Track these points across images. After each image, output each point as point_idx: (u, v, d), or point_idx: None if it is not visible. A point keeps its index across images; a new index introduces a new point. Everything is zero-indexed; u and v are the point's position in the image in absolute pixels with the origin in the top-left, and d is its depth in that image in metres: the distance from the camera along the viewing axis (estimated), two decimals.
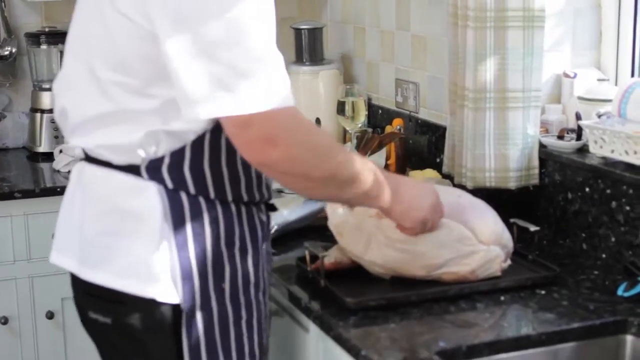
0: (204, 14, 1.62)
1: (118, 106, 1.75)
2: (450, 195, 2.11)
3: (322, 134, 1.84)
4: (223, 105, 1.64)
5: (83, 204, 1.85)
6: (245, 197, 1.83)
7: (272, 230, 2.36)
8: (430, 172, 2.76)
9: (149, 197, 1.75)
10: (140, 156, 1.75)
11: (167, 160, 1.75)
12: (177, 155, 1.75)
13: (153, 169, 1.75)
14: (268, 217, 1.92)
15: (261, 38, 1.66)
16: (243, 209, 1.83)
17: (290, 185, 1.83)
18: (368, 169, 1.83)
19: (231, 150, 1.77)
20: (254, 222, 1.85)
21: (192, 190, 1.77)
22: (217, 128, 1.75)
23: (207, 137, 1.76)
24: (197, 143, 1.76)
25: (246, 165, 1.81)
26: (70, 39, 1.88)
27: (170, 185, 1.76)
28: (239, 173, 1.81)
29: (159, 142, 1.74)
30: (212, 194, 1.78)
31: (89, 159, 1.84)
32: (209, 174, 1.78)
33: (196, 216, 1.77)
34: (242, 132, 1.67)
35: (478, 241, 2.05)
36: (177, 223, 1.75)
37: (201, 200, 1.77)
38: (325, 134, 1.89)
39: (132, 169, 1.77)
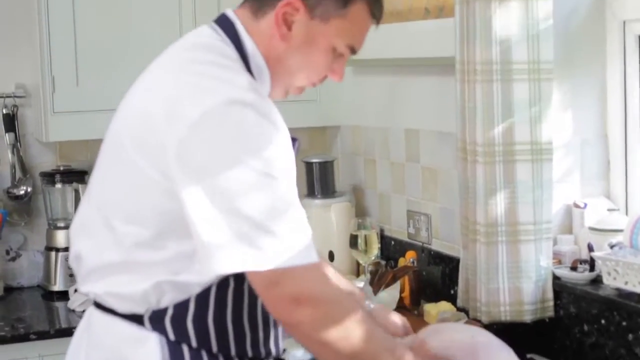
0: (222, 165, 1.62)
1: (128, 256, 1.75)
2: (463, 335, 2.09)
3: (348, 301, 1.77)
4: (244, 260, 1.63)
5: (88, 351, 1.84)
6: (250, 353, 1.80)
7: None
8: (445, 305, 2.75)
9: (150, 347, 1.74)
10: (145, 306, 1.74)
11: (170, 312, 1.74)
12: (180, 308, 1.74)
13: (156, 320, 1.74)
14: None
15: (282, 190, 1.65)
16: None
17: (315, 352, 1.75)
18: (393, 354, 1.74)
19: (238, 306, 1.77)
20: None
21: (194, 343, 1.75)
22: (224, 282, 1.74)
23: (213, 290, 1.75)
24: (203, 297, 1.74)
25: (253, 322, 1.79)
26: (90, 184, 1.90)
27: (172, 337, 1.74)
28: (245, 329, 1.79)
29: (164, 293, 1.73)
30: (214, 349, 1.76)
31: (97, 305, 1.84)
32: (212, 329, 1.76)
33: None
34: (269, 291, 1.66)
35: None
36: None
37: (203, 354, 1.75)
38: (351, 301, 1.82)
39: (135, 318, 1.76)
